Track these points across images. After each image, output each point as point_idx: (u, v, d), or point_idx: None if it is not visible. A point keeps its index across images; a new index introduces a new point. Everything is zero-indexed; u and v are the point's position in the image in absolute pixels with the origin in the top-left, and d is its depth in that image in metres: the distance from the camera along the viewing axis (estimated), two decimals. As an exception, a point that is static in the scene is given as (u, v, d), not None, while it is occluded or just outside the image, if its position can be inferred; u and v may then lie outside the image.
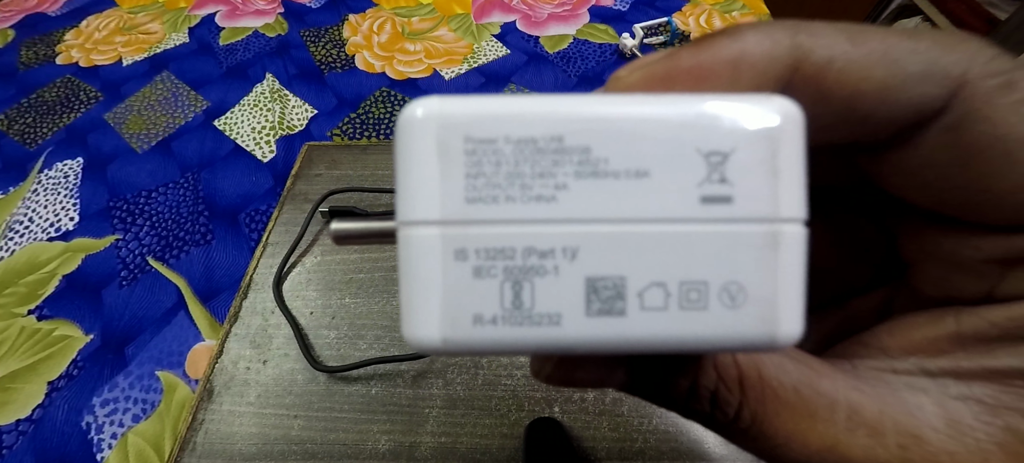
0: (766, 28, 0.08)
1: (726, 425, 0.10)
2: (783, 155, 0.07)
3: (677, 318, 0.07)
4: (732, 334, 0.07)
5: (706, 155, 0.07)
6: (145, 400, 0.34)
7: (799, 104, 0.07)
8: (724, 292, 0.07)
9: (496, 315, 0.07)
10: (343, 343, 0.35)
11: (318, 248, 0.40)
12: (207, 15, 0.68)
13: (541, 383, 0.33)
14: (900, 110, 0.08)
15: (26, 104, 0.56)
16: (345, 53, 0.61)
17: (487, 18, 0.66)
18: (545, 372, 0.10)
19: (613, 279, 0.07)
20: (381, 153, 0.46)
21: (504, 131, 0.07)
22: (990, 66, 0.08)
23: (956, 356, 0.09)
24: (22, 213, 0.45)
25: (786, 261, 0.07)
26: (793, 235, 0.07)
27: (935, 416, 0.09)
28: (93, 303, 0.39)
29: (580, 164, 0.07)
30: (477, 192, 0.07)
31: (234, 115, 0.53)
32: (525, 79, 0.57)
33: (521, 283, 0.07)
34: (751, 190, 0.07)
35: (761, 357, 0.09)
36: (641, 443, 0.30)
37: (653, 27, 0.60)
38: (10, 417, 0.34)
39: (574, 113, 0.07)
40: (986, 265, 0.09)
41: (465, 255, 0.07)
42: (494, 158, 0.07)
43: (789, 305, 0.07)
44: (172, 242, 0.43)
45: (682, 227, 0.07)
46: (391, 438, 0.31)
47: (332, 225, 0.10)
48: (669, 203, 0.07)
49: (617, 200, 0.07)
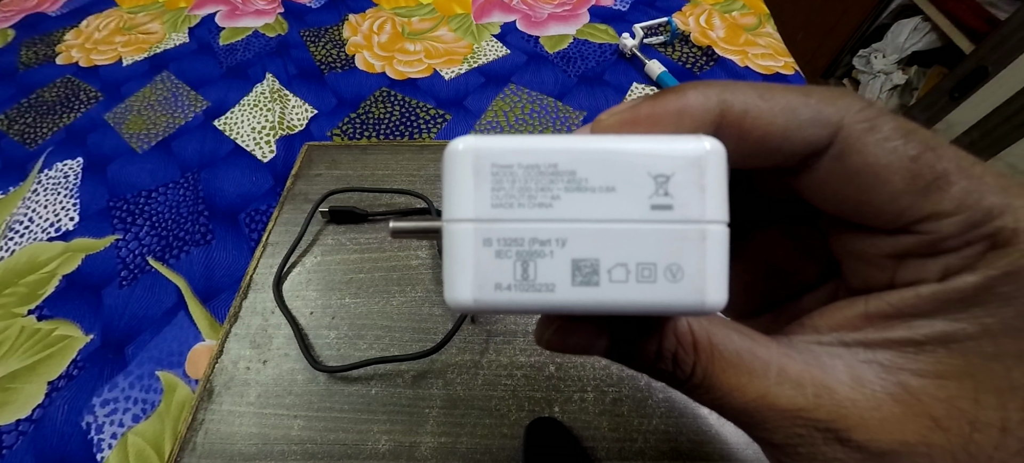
0: (702, 88, 0.11)
1: (684, 382, 0.12)
2: (709, 176, 0.10)
3: (635, 289, 0.10)
4: (674, 301, 0.10)
5: (655, 177, 0.10)
6: (145, 400, 0.34)
7: (723, 141, 0.10)
8: (668, 271, 0.10)
9: (510, 284, 0.10)
10: (343, 343, 0.35)
11: (318, 248, 0.40)
12: (207, 15, 0.68)
13: (541, 383, 0.33)
14: (797, 145, 0.11)
15: (26, 104, 0.56)
16: (345, 53, 0.61)
17: (487, 18, 0.66)
18: (546, 337, 0.13)
19: (590, 260, 0.10)
20: (381, 153, 0.46)
21: (518, 160, 0.10)
22: (860, 114, 0.11)
23: (865, 331, 0.12)
24: (22, 213, 0.45)
25: (711, 249, 0.10)
26: (716, 231, 0.10)
27: (845, 374, 0.11)
28: (93, 303, 0.39)
29: (569, 182, 0.10)
30: (499, 200, 0.10)
31: (234, 115, 0.54)
32: (525, 79, 0.57)
33: (528, 262, 0.10)
34: (686, 200, 0.10)
35: (712, 328, 0.12)
36: (641, 443, 0.30)
37: (653, 27, 0.60)
38: (10, 417, 0.34)
39: (565, 148, 0.10)
40: (884, 259, 0.12)
41: (490, 243, 0.10)
42: (511, 177, 0.10)
43: (715, 281, 0.10)
44: (172, 242, 0.43)
45: (638, 226, 0.10)
46: (391, 438, 0.31)
47: (390, 223, 0.14)
48: (629, 209, 0.10)
49: (593, 206, 0.10)
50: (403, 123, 0.52)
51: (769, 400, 0.11)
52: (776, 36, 0.61)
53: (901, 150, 0.11)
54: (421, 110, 0.53)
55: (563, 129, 0.51)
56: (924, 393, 0.11)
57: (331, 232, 0.41)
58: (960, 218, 0.10)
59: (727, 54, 0.59)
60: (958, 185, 0.10)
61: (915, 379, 0.11)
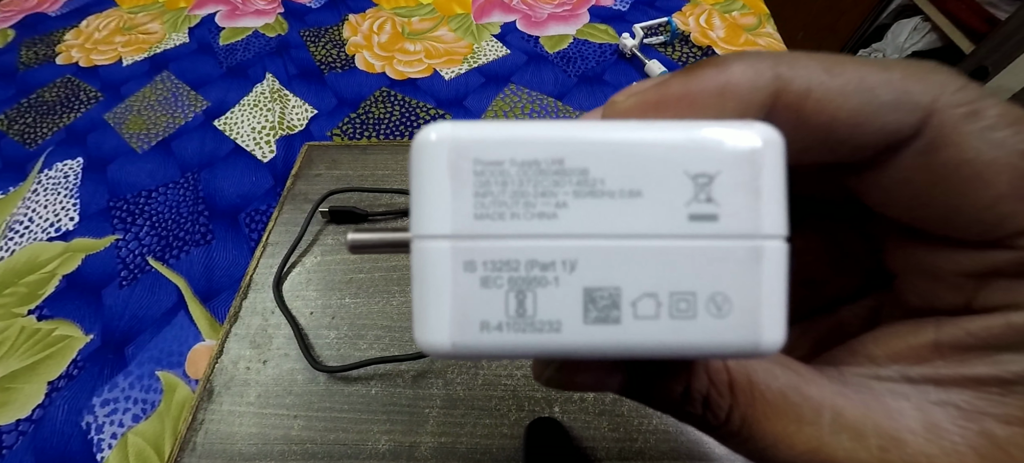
0: (750, 59, 0.09)
1: (717, 427, 0.10)
2: (765, 177, 0.08)
3: (668, 326, 0.08)
4: (719, 341, 0.08)
5: (693, 177, 0.08)
6: (145, 400, 0.34)
7: (780, 130, 0.08)
8: (711, 302, 0.08)
9: (501, 322, 0.08)
10: (343, 343, 0.35)
11: (318, 248, 0.40)
12: (207, 15, 0.68)
13: (542, 385, 0.33)
14: (874, 135, 0.09)
15: (26, 104, 0.56)
16: (345, 53, 0.61)
17: (487, 18, 0.66)
18: (546, 375, 0.11)
19: (609, 290, 0.08)
20: (381, 153, 0.46)
21: (510, 154, 0.08)
22: (957, 96, 0.08)
23: (936, 364, 0.10)
24: (22, 213, 0.45)
25: (768, 274, 0.08)
26: (775, 250, 0.08)
27: (915, 420, 0.09)
28: (93, 303, 0.39)
29: (578, 184, 0.08)
30: (485, 209, 0.08)
31: (234, 115, 0.54)
32: (525, 79, 0.57)
33: (524, 293, 0.08)
34: (735, 209, 0.08)
35: (751, 363, 0.10)
36: (641, 443, 0.30)
37: (653, 27, 0.60)
38: (10, 417, 0.34)
39: (573, 137, 0.08)
40: (963, 278, 0.10)
41: (473, 267, 0.08)
42: (500, 178, 0.08)
43: (772, 315, 0.08)
44: (172, 242, 0.43)
45: (672, 243, 0.08)
46: (391, 438, 0.31)
47: (348, 235, 0.11)
48: (660, 220, 0.08)
49: (612, 217, 0.08)
50: (403, 123, 0.52)
51: (824, 454, 0.09)
52: (776, 36, 0.61)
53: (1010, 143, 0.08)
54: (421, 110, 0.53)
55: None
56: (1013, 445, 0.09)
57: (331, 232, 0.41)
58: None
59: (727, 54, 0.59)
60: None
61: (1002, 428, 0.09)
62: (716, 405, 0.10)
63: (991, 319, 0.09)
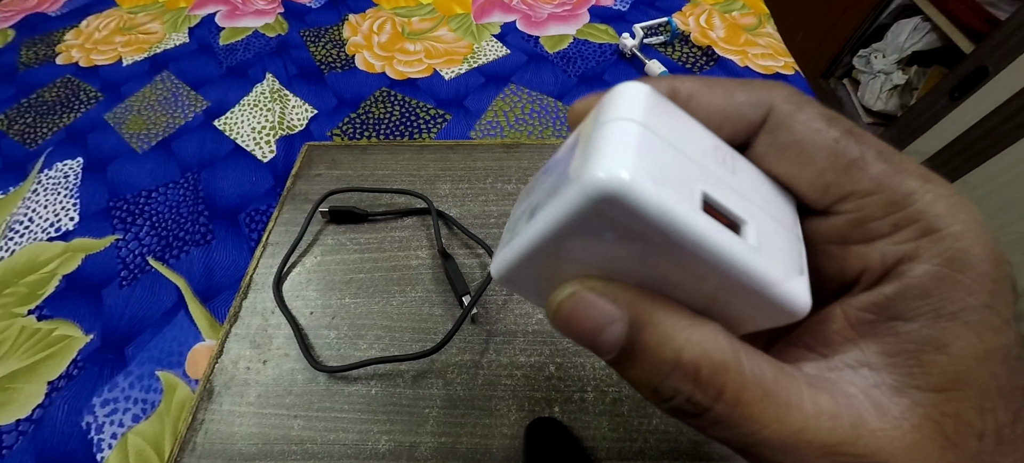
0: (653, 81, 0.13)
1: (702, 411, 0.11)
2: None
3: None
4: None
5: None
6: (145, 400, 0.34)
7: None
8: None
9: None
10: (343, 343, 0.35)
11: (318, 248, 0.40)
12: (207, 15, 0.68)
13: (541, 383, 0.33)
14: (737, 123, 0.13)
15: (26, 104, 0.56)
16: (345, 53, 0.61)
17: (487, 18, 0.66)
18: (558, 300, 0.12)
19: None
20: (381, 153, 0.46)
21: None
22: (789, 98, 0.12)
23: (861, 346, 0.12)
24: (22, 213, 0.45)
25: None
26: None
27: (868, 403, 0.11)
28: (93, 303, 0.39)
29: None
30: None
31: (234, 115, 0.54)
32: (525, 79, 0.57)
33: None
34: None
35: (743, 352, 0.11)
36: (641, 443, 0.30)
37: (653, 27, 0.60)
38: (10, 417, 0.34)
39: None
40: (830, 247, 0.12)
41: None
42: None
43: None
44: (172, 242, 0.43)
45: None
46: (391, 438, 0.31)
47: (492, 269, 0.13)
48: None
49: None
50: (403, 123, 0.52)
51: (808, 435, 0.11)
52: (776, 36, 0.61)
53: (825, 131, 0.12)
54: (421, 110, 0.53)
55: (563, 129, 0.51)
56: (935, 410, 0.10)
57: (331, 232, 0.41)
58: (880, 198, 0.11)
59: (727, 54, 0.59)
60: (876, 167, 0.11)
61: (924, 396, 0.11)
62: (707, 383, 0.11)
63: (874, 294, 0.11)
